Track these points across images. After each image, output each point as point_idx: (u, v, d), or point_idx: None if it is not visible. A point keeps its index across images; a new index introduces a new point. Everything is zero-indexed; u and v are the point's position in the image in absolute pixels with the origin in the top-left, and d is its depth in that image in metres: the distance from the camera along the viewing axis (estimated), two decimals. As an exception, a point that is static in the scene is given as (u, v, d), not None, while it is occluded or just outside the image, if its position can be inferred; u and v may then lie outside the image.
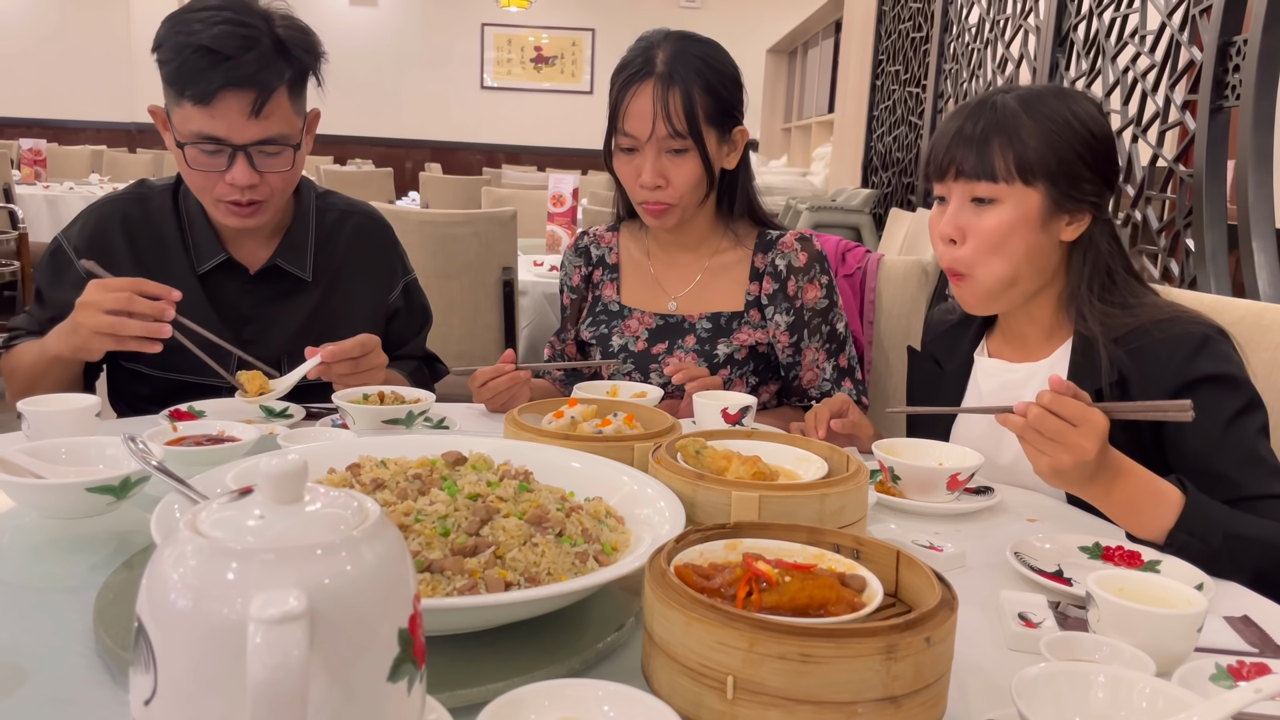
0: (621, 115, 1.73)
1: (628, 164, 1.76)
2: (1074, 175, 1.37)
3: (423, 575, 0.79)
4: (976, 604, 1.04)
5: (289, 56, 1.59)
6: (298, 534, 0.55)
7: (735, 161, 1.82)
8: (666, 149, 1.71)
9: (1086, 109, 1.38)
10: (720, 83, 1.73)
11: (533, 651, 0.82)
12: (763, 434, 1.19)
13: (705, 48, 1.76)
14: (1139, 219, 3.20)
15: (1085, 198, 1.38)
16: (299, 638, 0.48)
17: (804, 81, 10.85)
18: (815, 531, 0.87)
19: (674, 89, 1.68)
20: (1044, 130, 1.36)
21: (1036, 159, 1.36)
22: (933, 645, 0.70)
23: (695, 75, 1.70)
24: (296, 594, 0.50)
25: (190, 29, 1.54)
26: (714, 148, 1.75)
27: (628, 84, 1.72)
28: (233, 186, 1.59)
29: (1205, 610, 0.90)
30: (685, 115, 1.69)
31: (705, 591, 0.76)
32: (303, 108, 1.67)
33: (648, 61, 1.71)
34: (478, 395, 1.67)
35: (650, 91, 1.69)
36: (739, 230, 1.86)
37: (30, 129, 10.81)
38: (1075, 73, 3.77)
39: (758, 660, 0.67)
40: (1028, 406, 1.12)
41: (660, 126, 1.69)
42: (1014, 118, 1.37)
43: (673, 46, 1.72)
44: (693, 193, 1.75)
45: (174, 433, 1.25)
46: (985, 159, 1.37)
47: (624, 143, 1.74)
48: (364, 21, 12.50)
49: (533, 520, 0.87)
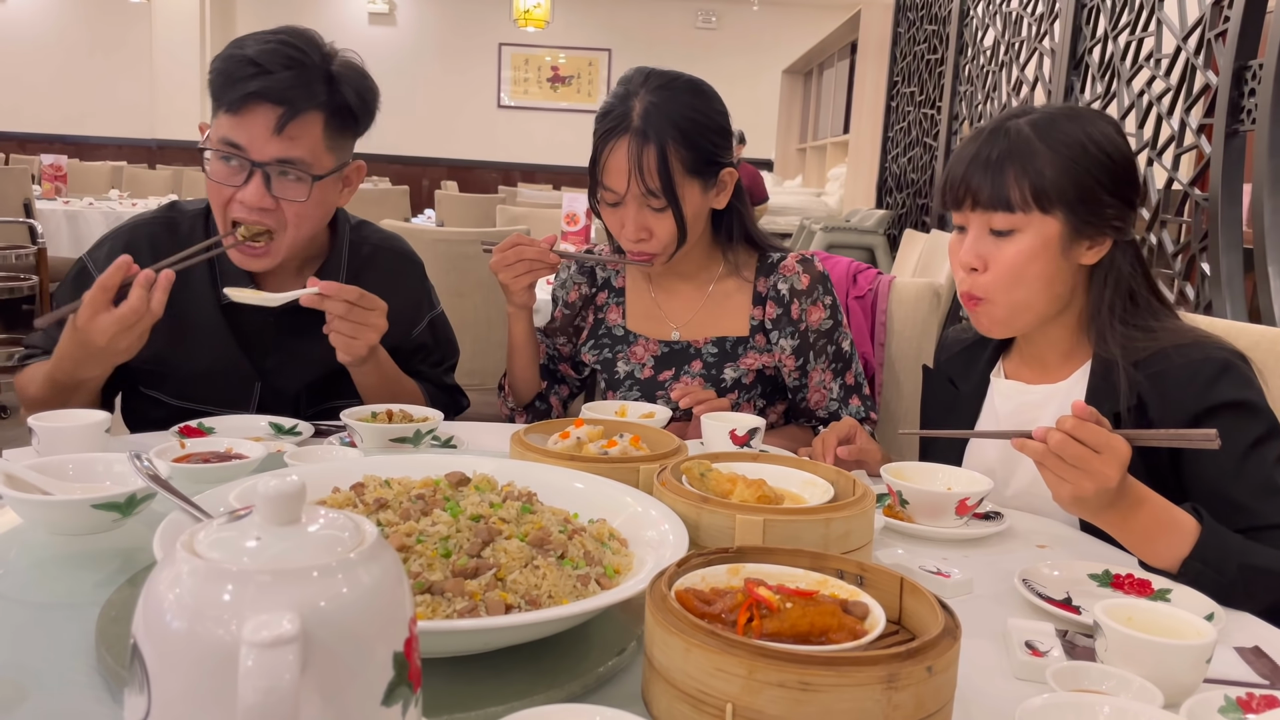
0: (601, 169, 1.69)
1: (612, 215, 1.73)
2: (1093, 200, 1.35)
3: (423, 597, 0.79)
4: (984, 632, 1.03)
5: (332, 86, 1.58)
6: (294, 556, 0.55)
7: (725, 201, 1.77)
8: (646, 204, 1.67)
9: (1103, 130, 1.37)
10: (700, 133, 1.67)
11: (532, 675, 0.81)
12: (769, 456, 1.19)
13: (684, 96, 1.69)
14: (1154, 243, 3.18)
15: (1106, 222, 1.36)
16: (291, 661, 0.48)
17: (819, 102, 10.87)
18: (819, 557, 0.87)
19: (648, 146, 1.63)
20: (1059, 157, 1.34)
21: (1053, 187, 1.33)
22: (934, 675, 0.69)
23: (671, 129, 1.64)
24: (290, 617, 0.49)
25: (244, 44, 1.56)
26: (697, 197, 1.70)
27: (605, 138, 1.67)
28: (242, 205, 1.56)
29: (1214, 641, 0.88)
30: (659, 174, 1.63)
31: (706, 617, 0.75)
32: (344, 146, 1.65)
33: (624, 115, 1.65)
34: (499, 258, 1.69)
35: (625, 148, 1.64)
36: (739, 257, 1.83)
37: (53, 145, 10.94)
38: (1090, 96, 3.77)
39: (757, 688, 0.67)
40: (1047, 432, 1.11)
41: (635, 185, 1.64)
42: (1028, 145, 1.35)
43: (650, 97, 1.66)
44: (677, 241, 1.71)
45: (182, 449, 1.26)
46: (1000, 189, 1.35)
47: (606, 196, 1.71)
48: (382, 40, 12.61)
49: (535, 542, 0.86)
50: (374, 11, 12.47)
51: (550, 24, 11.69)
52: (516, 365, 1.90)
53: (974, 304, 1.42)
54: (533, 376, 1.92)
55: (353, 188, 1.72)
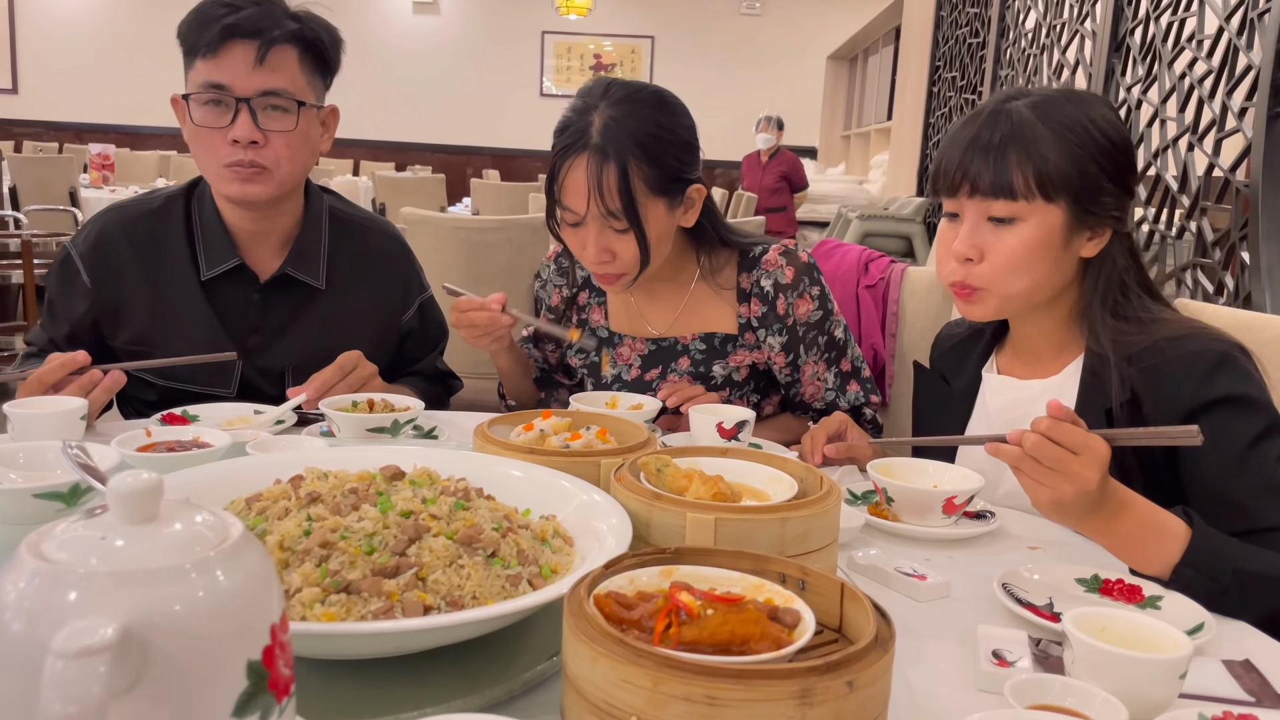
0: (559, 188, 1.58)
1: (573, 235, 1.61)
2: (1096, 188, 1.28)
3: (338, 597, 0.75)
4: (956, 638, 0.98)
5: (299, 20, 1.61)
6: (135, 558, 0.51)
7: (694, 219, 1.66)
8: (608, 225, 1.57)
9: (1102, 113, 1.30)
10: (664, 149, 1.56)
11: (453, 679, 0.78)
12: (740, 451, 1.14)
13: (647, 110, 1.57)
14: (1194, 231, 3.07)
15: (1107, 212, 1.29)
16: (101, 673, 0.45)
17: (864, 88, 10.72)
18: (761, 559, 0.82)
19: (608, 165, 1.52)
20: (1063, 141, 1.26)
21: (1057, 173, 1.26)
22: (857, 690, 0.64)
23: (633, 145, 1.53)
24: (110, 624, 0.46)
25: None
26: (662, 216, 1.59)
27: (563, 155, 1.56)
28: (235, 145, 1.57)
29: (1189, 655, 0.83)
30: (620, 194, 1.52)
31: (624, 623, 0.71)
32: (318, 86, 1.67)
33: (582, 131, 1.54)
34: (454, 321, 1.64)
35: (584, 166, 1.53)
36: (716, 260, 1.73)
37: (107, 134, 11.12)
38: (1131, 79, 3.65)
39: (662, 701, 0.63)
40: (1022, 435, 1.05)
41: (595, 206, 1.54)
42: (1031, 128, 1.27)
43: (610, 111, 1.54)
44: (640, 263, 1.61)
45: (148, 438, 1.24)
46: (1002, 174, 1.27)
47: (566, 216, 1.60)
48: (427, 28, 12.65)
49: (463, 540, 0.83)
50: (418, 1, 12.51)
51: (593, 11, 11.66)
52: (508, 388, 1.91)
53: (968, 294, 1.34)
54: (527, 389, 1.92)
55: (331, 132, 1.74)
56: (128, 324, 1.67)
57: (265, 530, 0.84)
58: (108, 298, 1.67)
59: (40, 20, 12.01)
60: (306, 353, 1.71)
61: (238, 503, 0.92)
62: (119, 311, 1.67)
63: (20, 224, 5.67)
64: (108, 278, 1.66)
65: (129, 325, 1.67)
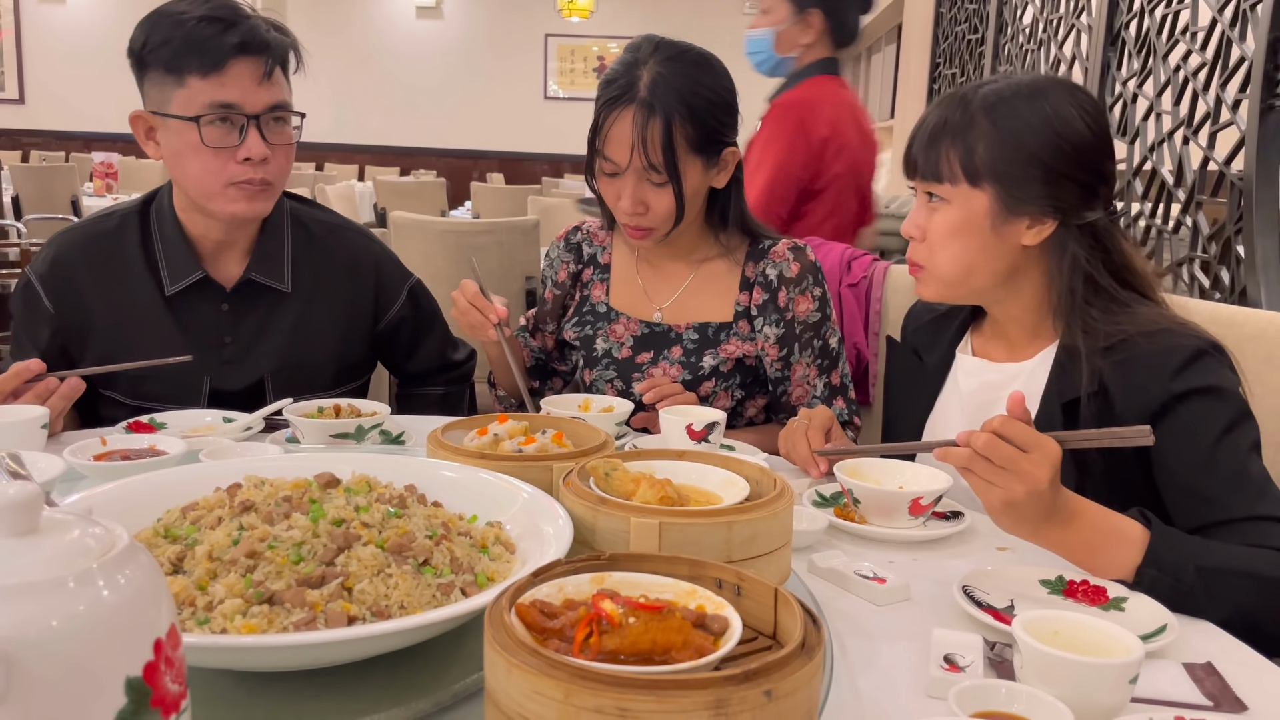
0: (602, 139, 1.63)
1: (609, 186, 1.66)
2: (1024, 177, 1.28)
3: (260, 608, 0.74)
4: (913, 642, 0.96)
5: (278, 29, 1.60)
6: (14, 572, 0.50)
7: (725, 180, 1.70)
8: (646, 178, 1.61)
9: (1063, 111, 1.28)
10: (707, 109, 1.61)
11: (379, 691, 0.76)
12: (696, 454, 1.12)
13: (694, 70, 1.62)
14: (1190, 225, 3.03)
15: (1038, 201, 1.28)
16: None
17: (867, 87, 10.67)
18: (698, 565, 0.80)
19: (654, 119, 1.56)
20: (998, 133, 1.28)
21: (981, 163, 1.29)
22: (776, 700, 0.62)
23: (679, 103, 1.57)
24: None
25: (178, 13, 1.53)
26: (698, 175, 1.64)
27: (609, 106, 1.60)
28: (247, 164, 1.54)
29: (1139, 659, 0.80)
30: (663, 149, 1.57)
31: (546, 632, 0.69)
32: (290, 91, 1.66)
33: (630, 85, 1.59)
34: (452, 298, 1.66)
35: (630, 119, 1.58)
36: (730, 240, 1.77)
37: (114, 144, 11.15)
38: (1126, 72, 3.61)
39: (573, 713, 0.61)
40: (971, 435, 1.04)
41: (637, 158, 1.58)
42: (970, 118, 1.30)
43: (659, 68, 1.59)
44: (674, 218, 1.66)
45: (103, 446, 1.23)
46: (932, 159, 1.33)
47: (605, 166, 1.64)
48: (430, 33, 12.66)
49: (394, 549, 0.81)
50: (421, 5, 12.52)
51: (595, 13, 11.65)
52: (498, 377, 1.90)
53: (915, 270, 1.40)
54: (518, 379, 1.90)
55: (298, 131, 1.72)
56: (94, 345, 1.64)
57: (196, 540, 0.83)
58: (71, 321, 1.64)
59: (46, 31, 12.08)
60: (283, 358, 1.69)
61: (173, 512, 0.90)
62: (83, 334, 1.65)
63: (21, 233, 5.69)
64: (69, 300, 1.64)
65: (95, 346, 1.64)
